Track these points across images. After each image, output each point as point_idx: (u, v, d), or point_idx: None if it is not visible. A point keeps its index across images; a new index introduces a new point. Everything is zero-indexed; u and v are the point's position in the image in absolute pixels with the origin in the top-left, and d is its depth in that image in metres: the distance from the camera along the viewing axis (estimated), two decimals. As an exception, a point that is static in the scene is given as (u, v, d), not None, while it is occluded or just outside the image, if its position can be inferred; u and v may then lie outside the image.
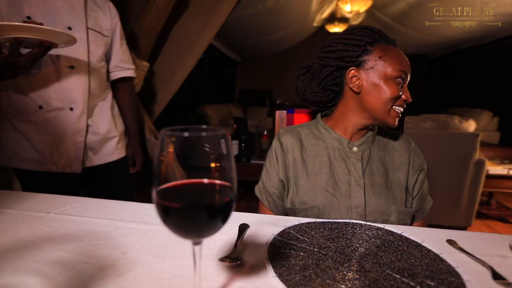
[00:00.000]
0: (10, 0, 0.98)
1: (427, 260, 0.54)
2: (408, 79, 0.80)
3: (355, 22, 5.56)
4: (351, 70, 0.80)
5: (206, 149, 0.34)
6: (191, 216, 0.33)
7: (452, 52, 5.65)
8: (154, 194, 0.33)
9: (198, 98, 6.51)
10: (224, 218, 0.35)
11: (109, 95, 1.31)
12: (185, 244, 0.57)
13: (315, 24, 5.80)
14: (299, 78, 0.94)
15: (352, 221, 0.69)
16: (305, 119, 1.19)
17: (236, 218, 0.69)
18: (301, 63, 0.92)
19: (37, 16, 1.01)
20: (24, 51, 0.89)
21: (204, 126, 0.35)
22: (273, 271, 0.48)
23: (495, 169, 2.63)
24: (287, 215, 0.86)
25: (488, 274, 0.50)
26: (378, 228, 0.66)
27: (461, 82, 5.81)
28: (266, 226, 0.66)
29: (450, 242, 0.61)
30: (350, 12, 4.14)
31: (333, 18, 5.57)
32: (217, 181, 0.35)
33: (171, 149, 0.32)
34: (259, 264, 0.51)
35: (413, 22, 4.38)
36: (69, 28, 1.08)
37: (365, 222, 0.68)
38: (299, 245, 0.57)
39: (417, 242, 0.60)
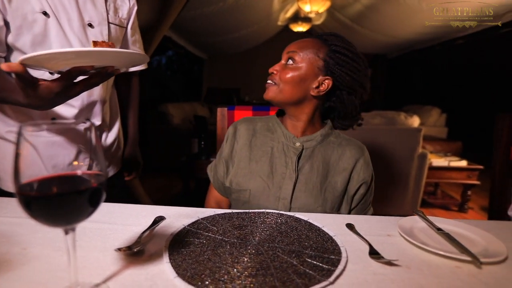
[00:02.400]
0: None
1: (320, 241, 0.59)
2: (285, 55, 0.85)
3: (317, 22, 5.72)
4: None
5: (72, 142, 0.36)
6: (54, 203, 0.35)
7: (407, 52, 5.98)
8: (16, 189, 0.34)
9: (166, 96, 6.38)
10: (93, 203, 0.37)
11: (114, 92, 1.15)
12: (92, 237, 0.58)
13: (279, 23, 5.90)
14: None
15: (266, 210, 0.73)
16: (245, 116, 1.23)
17: (155, 211, 0.71)
18: (268, 61, 0.94)
19: (56, 11, 0.81)
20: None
21: (72, 120, 0.37)
22: (168, 257, 0.51)
23: (438, 161, 2.84)
24: (226, 194, 0.93)
25: (367, 251, 0.56)
26: (288, 216, 0.71)
27: (415, 80, 6.18)
28: (182, 218, 0.68)
29: (349, 226, 0.67)
30: (310, 12, 4.25)
31: (297, 17, 5.69)
32: (87, 171, 0.37)
33: (29, 143, 0.34)
34: (159, 252, 0.53)
35: (369, 23, 4.59)
36: (90, 25, 0.89)
37: (278, 211, 0.73)
38: (205, 234, 0.61)
39: (318, 227, 0.66)
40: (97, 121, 0.97)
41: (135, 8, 1.07)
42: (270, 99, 0.86)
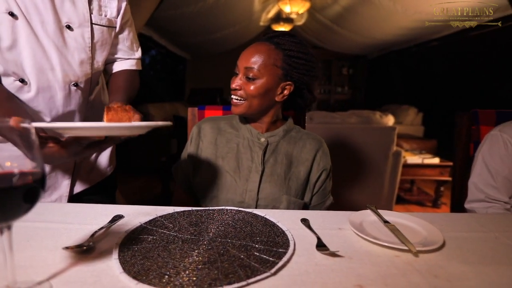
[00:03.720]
0: None
1: (272, 236, 0.61)
2: (242, 69, 0.87)
3: (299, 22, 5.78)
4: None
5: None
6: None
7: (386, 53, 6.14)
8: None
9: (149, 96, 6.28)
10: (28, 200, 0.38)
11: (104, 96, 1.05)
12: (45, 237, 0.58)
13: (261, 23, 5.92)
14: None
15: (226, 208, 0.75)
16: (216, 115, 1.25)
17: (114, 210, 0.72)
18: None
19: (27, 12, 0.73)
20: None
21: (6, 119, 0.37)
22: (117, 254, 0.52)
23: (412, 158, 2.94)
24: (193, 191, 0.96)
25: (315, 244, 0.58)
26: (246, 213, 0.73)
27: (394, 81, 6.35)
28: (140, 216, 0.69)
29: (303, 220, 0.70)
30: (290, 13, 4.30)
31: (279, 18, 5.74)
32: (23, 169, 0.38)
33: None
34: (110, 250, 0.54)
35: (348, 24, 4.68)
36: (68, 27, 0.81)
37: (238, 208, 0.75)
38: (160, 231, 0.62)
39: (273, 222, 0.68)
40: None
41: (124, 2, 0.94)
42: (240, 114, 0.90)
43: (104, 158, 1.05)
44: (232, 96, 0.88)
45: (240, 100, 0.87)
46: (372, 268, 0.51)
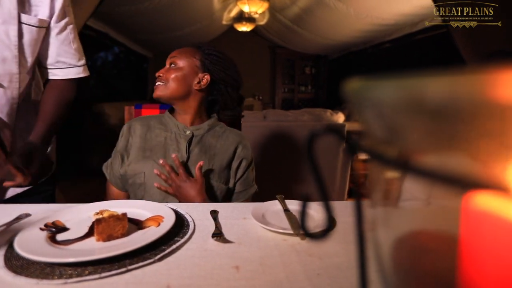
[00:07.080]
0: None
1: (175, 229, 0.64)
2: (167, 62, 1.00)
3: (261, 22, 5.85)
4: None
5: None
6: None
7: (345, 54, 6.39)
8: None
9: (111, 95, 6.04)
10: None
11: (32, 89, 1.00)
12: None
13: (224, 22, 5.91)
14: None
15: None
16: (152, 114, 1.25)
17: (23, 209, 0.71)
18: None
19: None
20: None
21: None
22: (5, 250, 0.52)
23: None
24: (122, 185, 0.99)
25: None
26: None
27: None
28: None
29: (213, 212, 0.74)
30: (249, 13, 4.35)
31: (241, 17, 5.77)
32: None
33: None
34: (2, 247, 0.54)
35: (307, 25, 4.82)
36: None
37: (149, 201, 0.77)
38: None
39: (182, 214, 0.71)
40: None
41: (59, 1, 0.89)
42: (159, 97, 0.98)
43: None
44: (156, 83, 0.98)
45: (161, 83, 0.97)
46: (256, 251, 0.56)
